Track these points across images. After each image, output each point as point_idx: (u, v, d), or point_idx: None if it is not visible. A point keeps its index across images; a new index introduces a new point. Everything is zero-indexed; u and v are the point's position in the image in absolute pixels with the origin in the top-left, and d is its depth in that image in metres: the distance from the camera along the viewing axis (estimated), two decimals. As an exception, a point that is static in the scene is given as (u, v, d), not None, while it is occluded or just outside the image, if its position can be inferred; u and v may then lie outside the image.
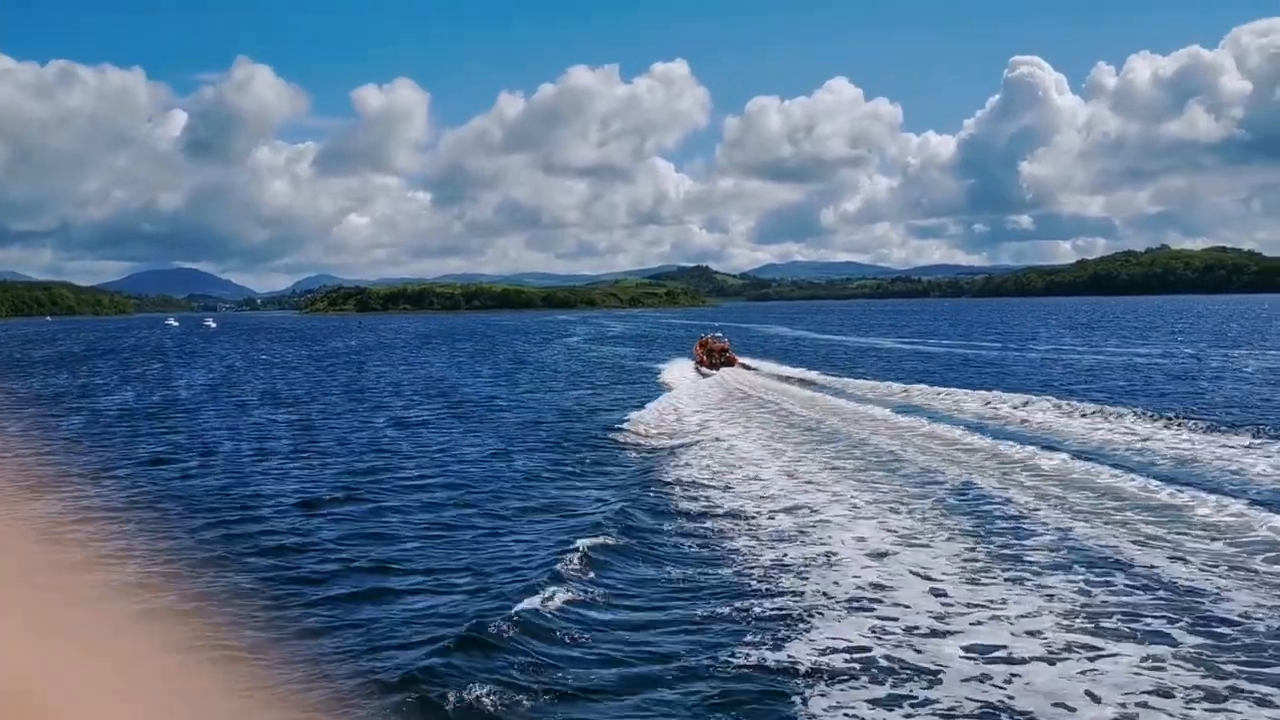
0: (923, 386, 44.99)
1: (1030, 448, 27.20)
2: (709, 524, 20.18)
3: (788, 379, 52.10)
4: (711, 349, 61.03)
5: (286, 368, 76.99)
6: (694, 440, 31.99)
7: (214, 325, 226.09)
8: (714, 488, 23.91)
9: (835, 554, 17.31)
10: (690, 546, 18.64)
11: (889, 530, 18.94)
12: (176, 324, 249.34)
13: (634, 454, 30.57)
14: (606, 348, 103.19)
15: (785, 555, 17.46)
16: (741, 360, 60.49)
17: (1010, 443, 28.25)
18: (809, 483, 23.93)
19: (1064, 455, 25.97)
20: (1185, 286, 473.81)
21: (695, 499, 22.66)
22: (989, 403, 38.24)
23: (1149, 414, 33.46)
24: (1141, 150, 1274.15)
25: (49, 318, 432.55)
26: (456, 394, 52.88)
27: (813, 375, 52.93)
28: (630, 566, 17.34)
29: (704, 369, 58.54)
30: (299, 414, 43.52)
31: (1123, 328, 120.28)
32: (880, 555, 17.19)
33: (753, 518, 20.47)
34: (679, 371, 61.05)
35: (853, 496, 22.05)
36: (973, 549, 17.35)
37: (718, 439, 31.91)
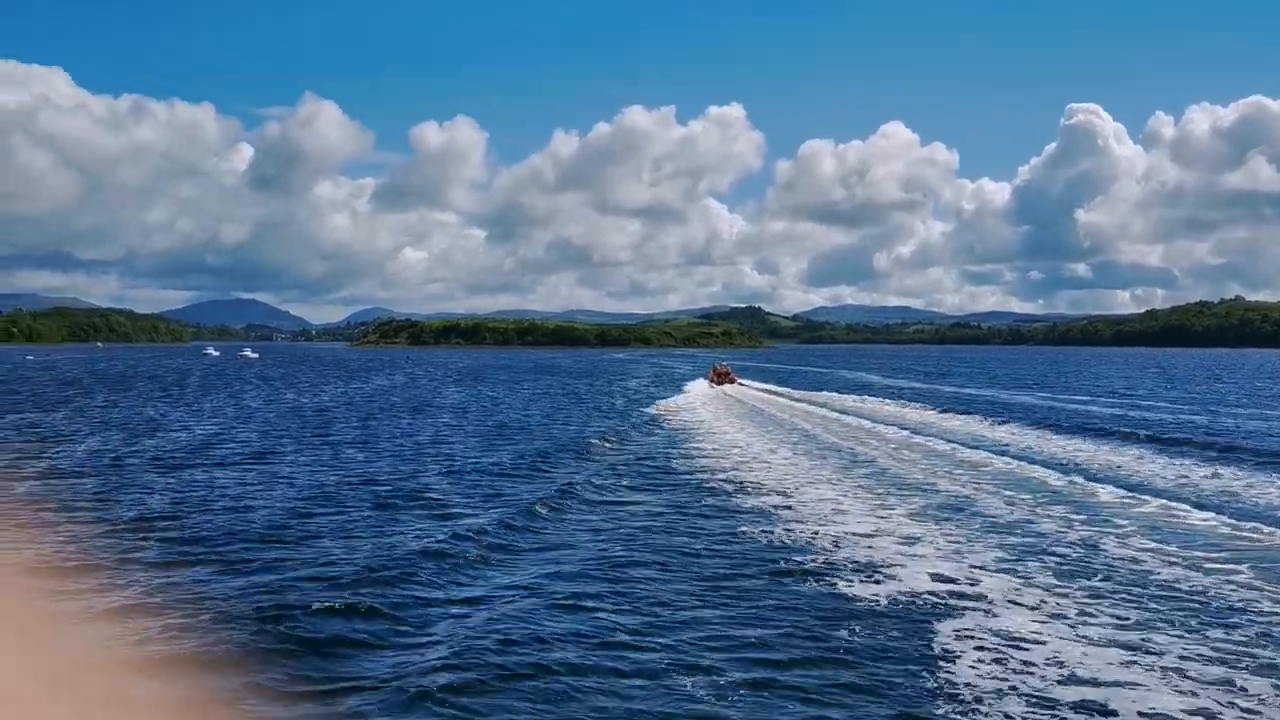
0: None
1: None
2: (686, 447, 40.60)
3: (768, 391, 78.65)
4: (720, 372, 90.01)
5: (302, 418, 66.35)
6: (691, 414, 58.79)
7: (253, 355, 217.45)
8: (698, 435, 45.84)
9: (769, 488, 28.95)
10: (668, 452, 39.13)
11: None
12: (216, 353, 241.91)
13: (653, 415, 58.42)
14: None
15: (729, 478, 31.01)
16: (740, 381, 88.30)
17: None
18: (758, 446, 40.02)
19: None
20: (1263, 340, 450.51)
21: (681, 436, 45.62)
22: None
23: None
24: (1201, 200, 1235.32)
25: (99, 344, 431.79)
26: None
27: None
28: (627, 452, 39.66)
29: (714, 384, 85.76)
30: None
31: None
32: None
33: (712, 451, 38.73)
34: (697, 385, 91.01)
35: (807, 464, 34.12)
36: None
37: (704, 416, 56.84)
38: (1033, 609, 15.75)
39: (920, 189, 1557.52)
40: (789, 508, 25.23)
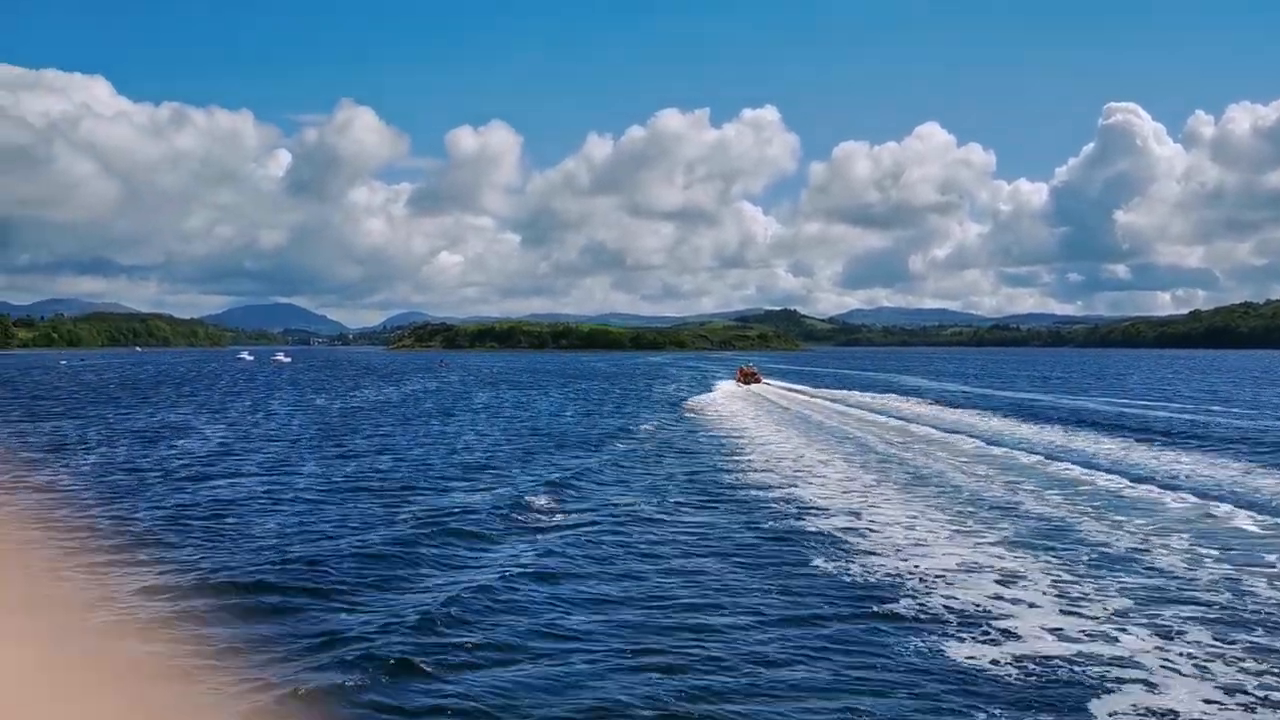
0: None
1: None
2: (730, 455, 38.74)
3: (789, 389, 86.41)
4: (747, 373, 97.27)
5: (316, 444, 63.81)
6: (719, 408, 65.96)
7: (286, 360, 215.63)
8: (726, 425, 51.71)
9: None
10: (702, 439, 45.00)
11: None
12: (250, 358, 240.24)
13: (686, 410, 65.16)
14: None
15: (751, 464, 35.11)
16: (765, 380, 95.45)
17: None
18: (810, 455, 37.43)
19: None
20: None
21: (712, 426, 51.65)
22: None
23: None
24: (1243, 200, 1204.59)
25: (138, 349, 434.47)
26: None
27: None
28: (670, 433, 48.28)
29: (740, 383, 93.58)
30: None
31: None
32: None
33: (736, 437, 44.07)
34: (725, 384, 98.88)
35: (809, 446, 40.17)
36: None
37: (731, 409, 64.07)
38: (1196, 679, 12.50)
39: (956, 190, 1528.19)
40: (857, 531, 22.09)
